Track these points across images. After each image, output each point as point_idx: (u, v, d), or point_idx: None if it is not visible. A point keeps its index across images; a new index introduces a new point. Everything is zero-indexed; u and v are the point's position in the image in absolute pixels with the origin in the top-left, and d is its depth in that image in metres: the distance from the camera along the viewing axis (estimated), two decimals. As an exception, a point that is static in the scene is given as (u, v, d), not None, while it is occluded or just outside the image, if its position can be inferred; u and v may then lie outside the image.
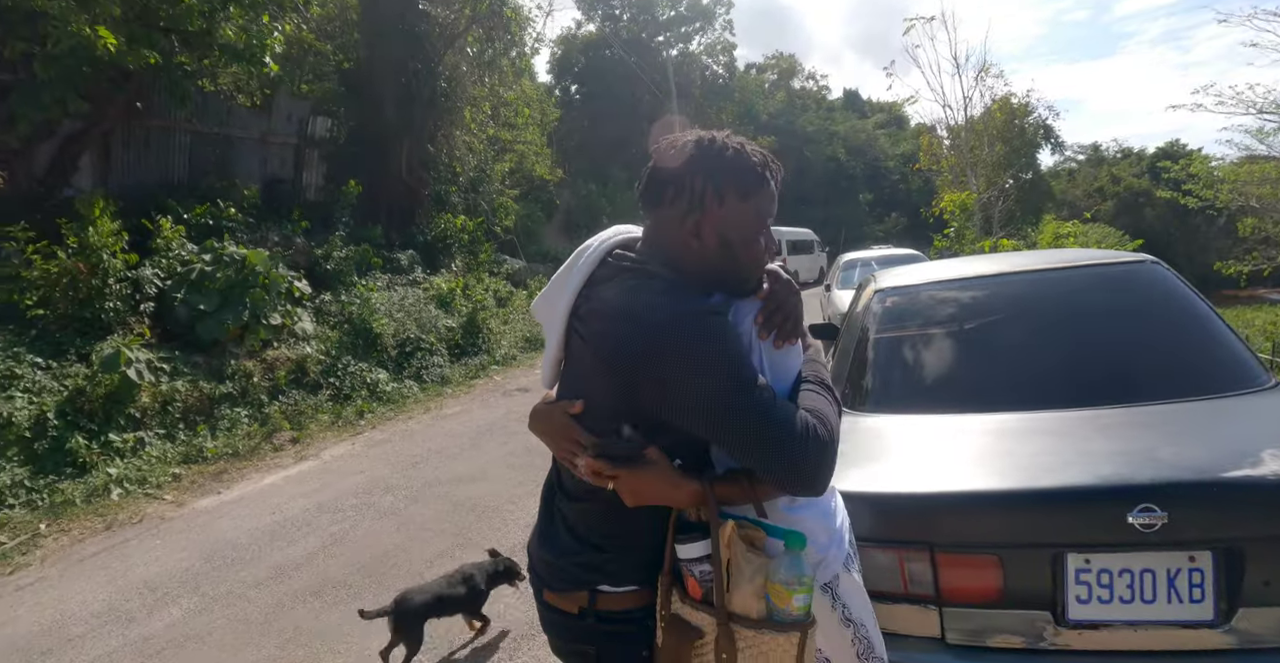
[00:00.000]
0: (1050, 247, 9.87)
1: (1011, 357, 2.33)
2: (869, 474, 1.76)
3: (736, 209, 1.13)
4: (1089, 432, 1.89)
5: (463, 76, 11.61)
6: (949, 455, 1.88)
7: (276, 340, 7.35)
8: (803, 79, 42.89)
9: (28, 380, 5.33)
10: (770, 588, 1.04)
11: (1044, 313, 2.49)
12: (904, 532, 1.66)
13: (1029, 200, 23.16)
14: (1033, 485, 1.65)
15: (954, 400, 2.18)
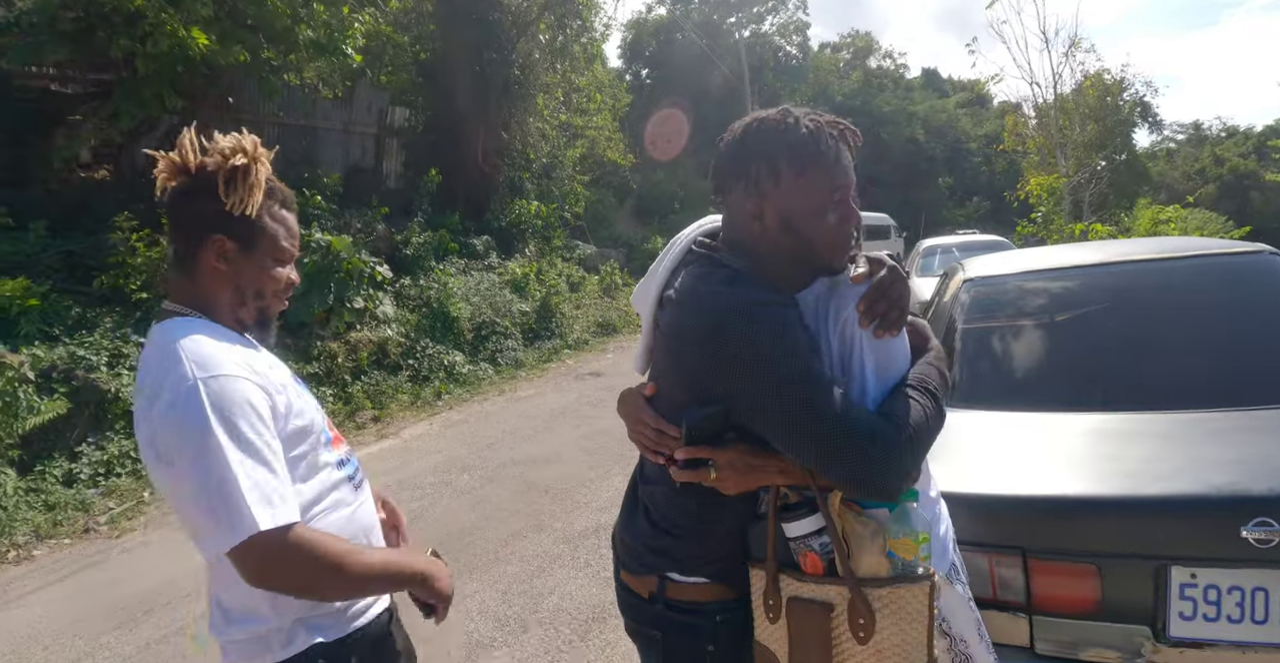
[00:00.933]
0: (1148, 234, 9.23)
1: (1111, 353, 2.19)
2: (958, 472, 1.68)
3: (794, 185, 1.08)
4: (1198, 436, 1.76)
5: (535, 64, 11.72)
6: (1045, 456, 1.78)
7: (359, 323, 7.66)
8: (879, 58, 41.38)
9: (133, 359, 5.71)
10: (893, 544, 1.04)
11: (1148, 307, 2.33)
12: (996, 535, 1.59)
13: (1123, 183, 21.71)
14: (1138, 493, 1.55)
15: (1048, 397, 2.06)
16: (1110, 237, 9.74)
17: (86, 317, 5.89)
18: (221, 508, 1.02)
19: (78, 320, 5.83)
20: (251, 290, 1.23)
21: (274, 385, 1.14)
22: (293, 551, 1.05)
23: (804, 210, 1.08)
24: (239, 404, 1.06)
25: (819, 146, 1.08)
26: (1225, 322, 2.22)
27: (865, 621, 1.03)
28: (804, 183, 1.08)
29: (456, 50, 10.95)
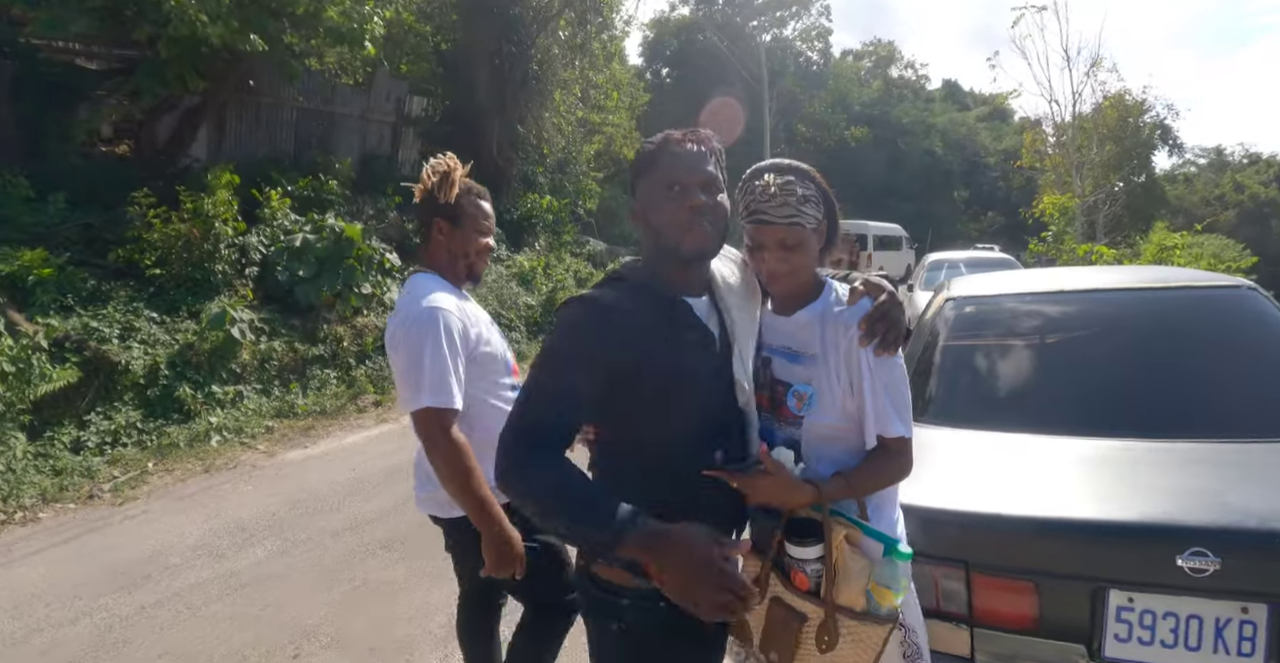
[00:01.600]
0: (1155, 259, 9.23)
1: (1082, 378, 2.26)
2: (912, 485, 1.69)
3: (642, 189, 1.31)
4: (1152, 464, 1.83)
5: (554, 59, 11.80)
6: (998, 474, 1.86)
7: (366, 308, 7.77)
8: (901, 68, 41.24)
9: (144, 333, 5.85)
10: (874, 588, 1.25)
11: (1123, 334, 2.39)
12: (942, 547, 1.66)
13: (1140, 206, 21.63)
14: (1078, 515, 1.62)
15: (1015, 419, 2.12)
16: (1115, 261, 9.74)
17: (101, 289, 6.02)
18: (412, 384, 1.69)
19: (92, 293, 5.97)
20: (460, 253, 1.89)
21: (470, 320, 1.82)
22: (441, 435, 1.67)
23: (650, 204, 1.29)
24: (444, 325, 1.71)
25: (655, 153, 1.30)
26: (1195, 354, 2.28)
27: (829, 637, 1.25)
28: (645, 182, 1.31)
29: (477, 42, 11.05)
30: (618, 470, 1.32)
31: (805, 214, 1.33)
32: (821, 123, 31.40)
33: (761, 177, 1.34)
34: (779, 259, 1.33)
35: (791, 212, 1.31)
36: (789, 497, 1.27)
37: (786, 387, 1.38)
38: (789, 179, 1.33)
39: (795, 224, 1.32)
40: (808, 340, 1.38)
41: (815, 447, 1.36)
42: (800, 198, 1.32)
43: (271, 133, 9.36)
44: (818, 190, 1.37)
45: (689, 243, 1.27)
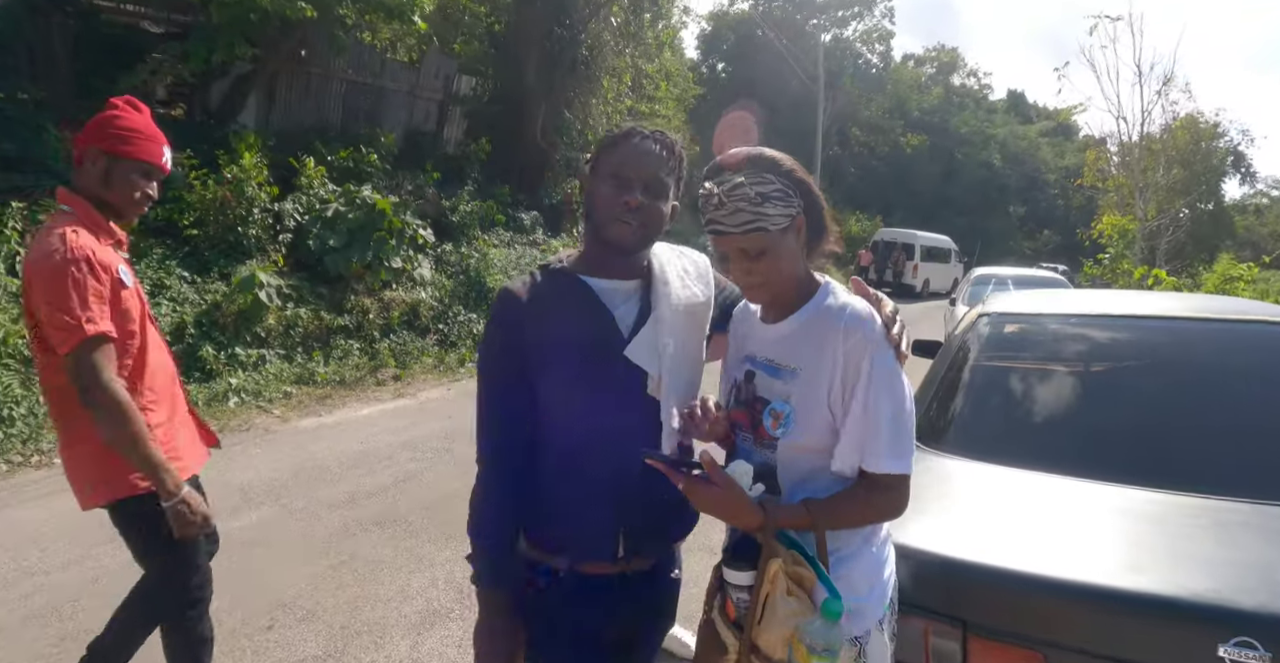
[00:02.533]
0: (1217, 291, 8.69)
1: (1129, 416, 1.99)
2: (913, 523, 1.48)
3: (596, 170, 1.32)
4: (1203, 527, 1.55)
5: (604, 45, 11.69)
6: (1016, 521, 1.62)
7: (395, 282, 7.80)
8: (963, 75, 40.22)
9: (174, 291, 5.93)
10: (795, 643, 1.07)
11: (1181, 369, 2.12)
12: (935, 600, 1.42)
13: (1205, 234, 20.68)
14: (1104, 582, 1.35)
15: (1045, 457, 1.85)
16: (1174, 288, 9.23)
17: (139, 246, 6.12)
18: None
19: (130, 248, 6.07)
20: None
21: None
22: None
23: (595, 186, 1.30)
24: None
25: (616, 142, 1.30)
26: (1266, 398, 1.99)
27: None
28: (600, 165, 1.31)
29: (528, 24, 11.00)
30: (537, 444, 1.32)
31: (767, 215, 1.14)
32: (877, 127, 30.76)
33: (705, 184, 1.18)
34: (744, 271, 1.18)
35: (747, 217, 1.13)
36: (732, 516, 1.13)
37: (765, 404, 1.23)
38: (737, 181, 1.14)
39: (755, 229, 1.14)
40: (791, 351, 1.22)
41: (793, 475, 1.21)
42: (756, 198, 1.13)
43: (319, 104, 9.46)
44: (785, 181, 1.17)
45: (610, 232, 1.27)
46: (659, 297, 1.32)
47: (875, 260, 21.62)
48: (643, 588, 1.35)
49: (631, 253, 1.31)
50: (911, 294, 20.86)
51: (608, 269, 1.32)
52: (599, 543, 1.29)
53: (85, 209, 1.78)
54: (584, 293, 1.31)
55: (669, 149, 1.29)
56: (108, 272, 1.71)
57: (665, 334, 1.29)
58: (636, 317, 1.31)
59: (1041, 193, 38.08)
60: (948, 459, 1.87)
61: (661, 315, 1.30)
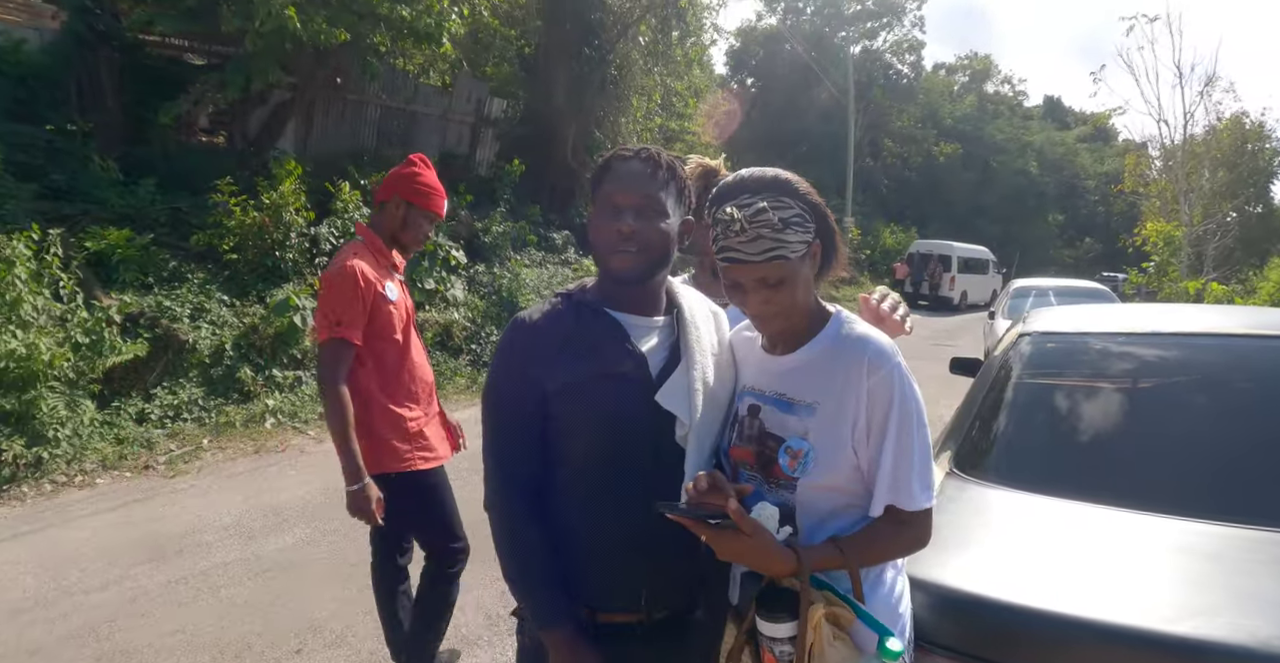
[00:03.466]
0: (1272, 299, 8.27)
1: (1179, 444, 1.86)
2: (940, 560, 1.40)
3: (594, 203, 1.27)
4: (1261, 563, 1.42)
5: (633, 64, 11.80)
6: (1059, 557, 1.50)
7: (429, 303, 7.89)
8: (997, 83, 39.59)
9: (214, 314, 6.07)
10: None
11: (1237, 392, 1.98)
12: (962, 640, 1.31)
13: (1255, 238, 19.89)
14: (1146, 626, 1.23)
15: (1090, 486, 1.73)
16: (1227, 299, 8.81)
17: (180, 270, 6.30)
18: None
19: (172, 273, 6.25)
20: None
21: None
22: None
23: (592, 218, 1.28)
24: None
25: (603, 169, 1.26)
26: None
27: None
28: (596, 196, 1.27)
29: (557, 46, 11.16)
30: (557, 481, 1.26)
31: (788, 243, 1.10)
32: (910, 138, 30.43)
33: (724, 208, 1.12)
34: (762, 300, 1.13)
35: (769, 245, 1.09)
36: (763, 563, 1.07)
37: (779, 442, 1.17)
38: (759, 206, 1.09)
39: (776, 258, 1.09)
40: (806, 385, 1.16)
41: (813, 516, 1.15)
42: (778, 224, 1.09)
43: (355, 129, 9.70)
44: (802, 205, 1.13)
45: (613, 264, 1.23)
46: (691, 339, 1.26)
47: (911, 273, 21.26)
48: (665, 634, 1.28)
49: (638, 282, 1.25)
50: (949, 307, 20.45)
51: (628, 303, 1.27)
52: (621, 595, 1.23)
53: (373, 240, 2.25)
54: (612, 328, 1.24)
55: (656, 164, 1.24)
56: (374, 288, 2.13)
57: (698, 380, 1.23)
58: (666, 359, 1.25)
59: (1081, 200, 37.19)
60: (987, 488, 1.77)
61: (695, 359, 1.24)
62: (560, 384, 1.20)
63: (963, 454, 1.91)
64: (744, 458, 1.21)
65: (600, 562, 1.22)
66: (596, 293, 1.29)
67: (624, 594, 1.23)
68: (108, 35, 7.54)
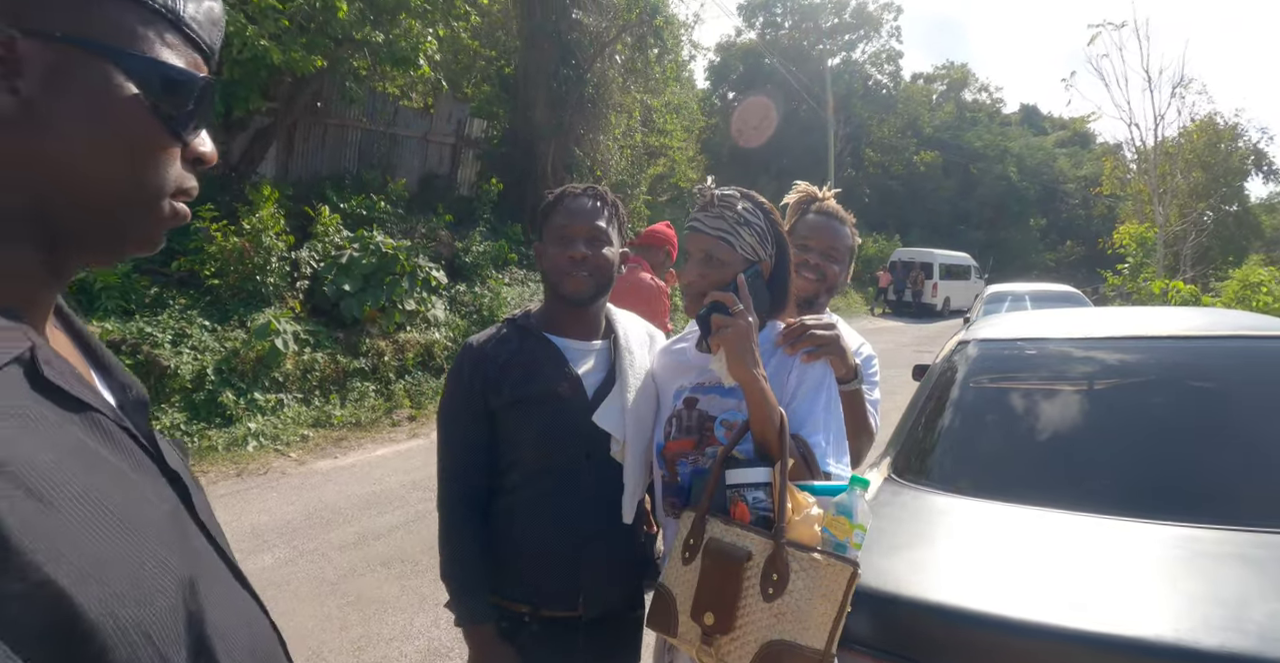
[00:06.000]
0: (1235, 298, 8.48)
1: (1113, 446, 1.91)
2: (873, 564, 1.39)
3: (543, 234, 1.42)
4: (1191, 560, 1.45)
5: (610, 83, 11.98)
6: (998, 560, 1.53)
7: (410, 324, 7.96)
8: (975, 91, 40.25)
9: (195, 339, 6.13)
10: (829, 521, 1.06)
11: (1167, 395, 2.03)
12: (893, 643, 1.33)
13: (1230, 236, 20.23)
14: (1051, 621, 1.24)
15: (1023, 489, 1.77)
16: (1194, 298, 9.04)
17: (161, 296, 6.37)
18: None
19: (154, 299, 6.32)
20: None
21: None
22: None
23: (543, 248, 1.41)
24: None
25: (554, 204, 1.40)
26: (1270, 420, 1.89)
27: (779, 577, 1.02)
28: (545, 228, 1.41)
29: (536, 66, 11.34)
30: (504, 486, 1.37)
31: (740, 236, 1.26)
32: (890, 147, 30.86)
33: (707, 185, 1.30)
34: (698, 273, 1.27)
35: (724, 226, 1.26)
36: (750, 362, 1.15)
37: (714, 420, 1.29)
38: (734, 195, 1.28)
39: (723, 239, 1.25)
40: None
41: None
42: (737, 216, 1.26)
43: (337, 152, 9.80)
44: (769, 227, 1.29)
45: (567, 286, 1.36)
46: (625, 363, 1.38)
47: (894, 281, 21.50)
48: (605, 628, 1.39)
49: (589, 303, 1.38)
50: (932, 313, 20.67)
51: (570, 327, 1.40)
52: (559, 596, 1.33)
53: (644, 264, 3.72)
54: (550, 353, 1.37)
55: (602, 200, 1.39)
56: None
57: (631, 400, 1.35)
58: (602, 381, 1.37)
59: (1062, 204, 37.64)
60: (922, 493, 1.83)
61: (629, 382, 1.36)
62: (504, 402, 1.33)
63: (900, 460, 2.00)
64: (682, 449, 1.31)
65: (540, 564, 1.33)
66: (540, 318, 1.42)
67: (562, 595, 1.33)
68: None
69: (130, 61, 0.51)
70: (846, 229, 1.66)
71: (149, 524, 0.49)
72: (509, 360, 1.35)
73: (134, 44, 0.52)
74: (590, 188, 1.41)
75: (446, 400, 1.40)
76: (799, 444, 1.18)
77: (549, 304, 1.43)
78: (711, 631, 1.05)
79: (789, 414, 1.17)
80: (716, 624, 1.05)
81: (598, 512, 1.32)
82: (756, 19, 27.29)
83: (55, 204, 0.52)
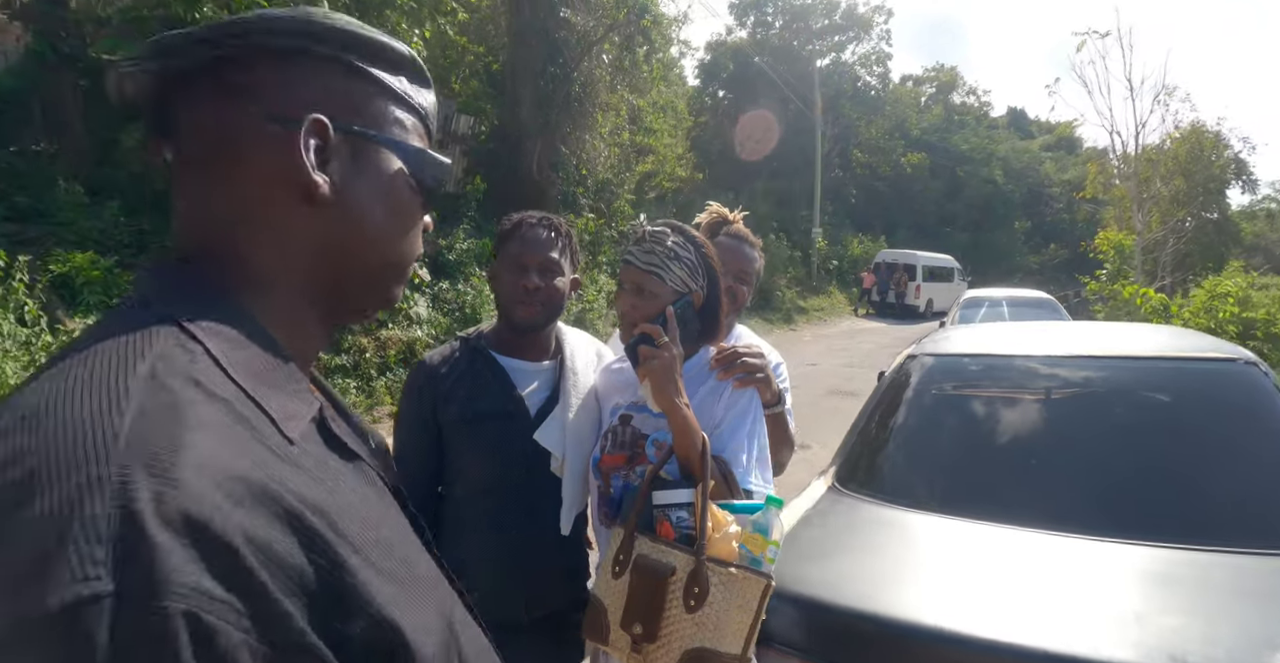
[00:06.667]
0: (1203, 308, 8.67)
1: (1040, 462, 2.01)
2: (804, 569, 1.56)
3: (498, 259, 1.48)
4: (1098, 574, 1.55)
5: (596, 82, 12.03)
6: (908, 568, 1.64)
7: (392, 322, 8.01)
8: (963, 94, 40.56)
9: (178, 336, 6.17)
10: (745, 538, 1.15)
11: (1097, 411, 2.13)
12: (815, 645, 1.44)
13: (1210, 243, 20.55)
14: (968, 632, 1.33)
15: (958, 503, 1.87)
16: (1163, 305, 9.24)
17: (144, 293, 6.38)
18: None
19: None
20: None
21: None
22: None
23: (498, 273, 1.48)
24: None
25: (510, 232, 1.47)
26: (1176, 439, 1.99)
27: (700, 591, 1.11)
28: (500, 254, 1.48)
29: (523, 63, 11.37)
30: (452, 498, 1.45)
31: (670, 271, 1.33)
32: (878, 148, 31.06)
33: (641, 222, 1.40)
34: (630, 304, 1.36)
35: (654, 260, 1.33)
36: (673, 391, 1.24)
37: (646, 438, 1.38)
38: (665, 231, 1.35)
39: (654, 273, 1.33)
40: None
41: None
42: (668, 251, 1.33)
43: (322, 147, 9.81)
44: (700, 261, 1.36)
45: (518, 314, 1.43)
46: (569, 384, 1.46)
47: (878, 282, 21.70)
48: (550, 629, 1.46)
49: (538, 330, 1.47)
50: (915, 315, 20.88)
51: (520, 348, 1.48)
52: (505, 602, 1.39)
53: None
54: (497, 373, 1.45)
55: (557, 231, 1.47)
56: None
57: (571, 419, 1.43)
58: (546, 400, 1.46)
59: (1047, 207, 38.04)
60: (861, 503, 1.92)
61: (570, 403, 1.45)
62: (451, 419, 1.42)
63: (843, 470, 2.11)
64: (615, 463, 1.40)
65: (483, 570, 1.38)
66: (492, 338, 1.51)
67: (506, 600, 1.40)
68: (72, 57, 7.60)
69: (403, 149, 0.62)
70: (755, 252, 1.74)
71: (420, 565, 0.56)
72: (458, 379, 1.44)
73: (403, 135, 0.63)
74: (546, 218, 1.48)
75: (401, 412, 1.49)
76: (720, 465, 1.27)
77: (500, 326, 1.51)
78: (640, 639, 1.15)
79: (715, 438, 1.27)
80: (644, 633, 1.14)
81: (538, 522, 1.41)
82: (748, 18, 27.34)
83: (346, 271, 0.61)
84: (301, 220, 0.57)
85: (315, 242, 0.58)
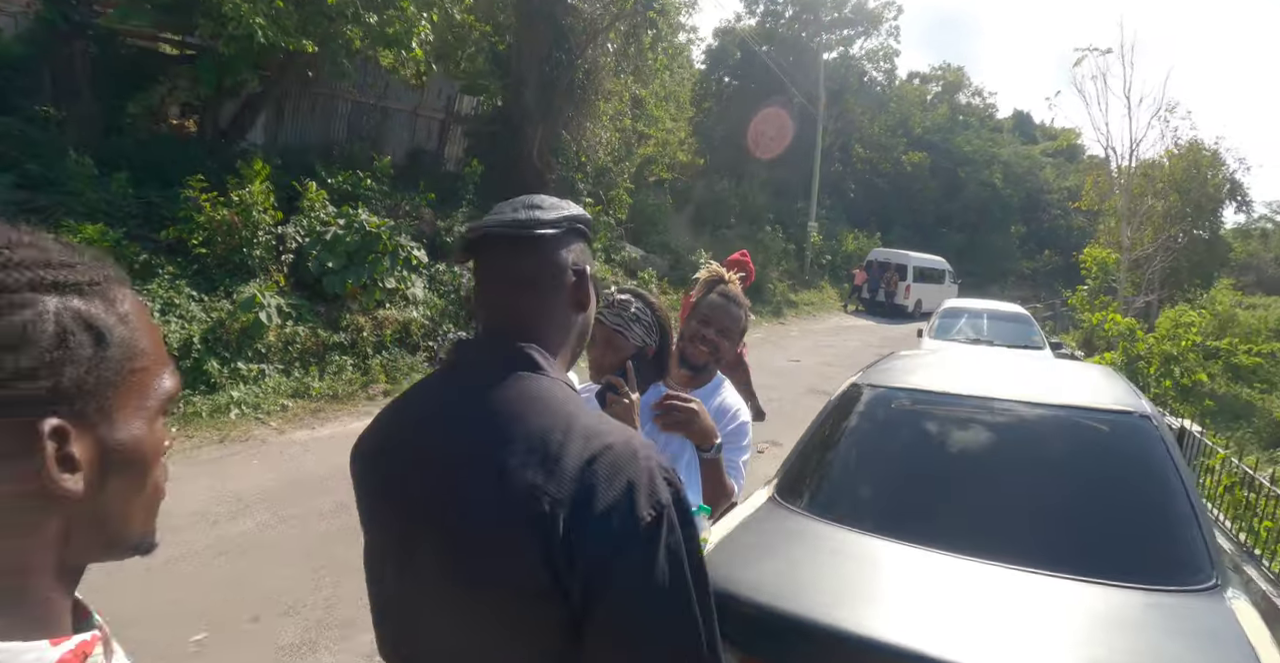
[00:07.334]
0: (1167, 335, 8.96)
1: (951, 491, 2.28)
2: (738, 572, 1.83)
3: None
4: (969, 589, 1.82)
5: (600, 70, 12.16)
6: (818, 574, 1.90)
7: (389, 302, 8.24)
8: (968, 94, 40.54)
9: (183, 309, 6.39)
10: None
11: (1007, 451, 2.39)
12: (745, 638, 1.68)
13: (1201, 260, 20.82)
14: (868, 633, 1.60)
15: (874, 520, 2.12)
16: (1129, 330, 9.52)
17: (151, 264, 6.58)
18: None
19: (144, 267, 6.53)
20: None
21: None
22: None
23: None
24: None
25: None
26: (1070, 480, 2.24)
27: None
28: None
29: (529, 46, 11.50)
30: None
31: (631, 330, 1.68)
32: (880, 145, 31.18)
33: (615, 292, 1.74)
34: (600, 352, 1.69)
35: (620, 322, 1.68)
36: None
37: None
38: (628, 299, 1.72)
39: (618, 331, 1.68)
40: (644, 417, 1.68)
41: None
42: (631, 315, 1.69)
43: (326, 124, 9.96)
44: (652, 319, 1.71)
45: None
46: None
47: (869, 280, 21.99)
48: None
49: None
50: (903, 314, 21.20)
51: None
52: None
53: None
54: None
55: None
56: None
57: None
58: None
59: (1044, 213, 38.25)
60: (793, 515, 2.18)
61: None
62: None
63: (783, 484, 2.41)
64: None
65: None
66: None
67: None
68: (82, 25, 7.72)
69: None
70: (742, 312, 2.03)
71: None
72: None
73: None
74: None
75: None
76: None
77: None
78: None
79: None
80: None
81: None
82: (758, 6, 27.28)
83: None
84: None
85: None
